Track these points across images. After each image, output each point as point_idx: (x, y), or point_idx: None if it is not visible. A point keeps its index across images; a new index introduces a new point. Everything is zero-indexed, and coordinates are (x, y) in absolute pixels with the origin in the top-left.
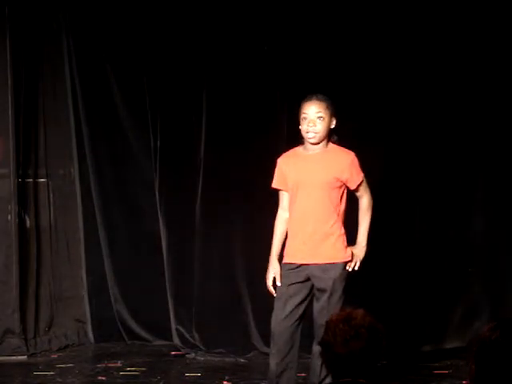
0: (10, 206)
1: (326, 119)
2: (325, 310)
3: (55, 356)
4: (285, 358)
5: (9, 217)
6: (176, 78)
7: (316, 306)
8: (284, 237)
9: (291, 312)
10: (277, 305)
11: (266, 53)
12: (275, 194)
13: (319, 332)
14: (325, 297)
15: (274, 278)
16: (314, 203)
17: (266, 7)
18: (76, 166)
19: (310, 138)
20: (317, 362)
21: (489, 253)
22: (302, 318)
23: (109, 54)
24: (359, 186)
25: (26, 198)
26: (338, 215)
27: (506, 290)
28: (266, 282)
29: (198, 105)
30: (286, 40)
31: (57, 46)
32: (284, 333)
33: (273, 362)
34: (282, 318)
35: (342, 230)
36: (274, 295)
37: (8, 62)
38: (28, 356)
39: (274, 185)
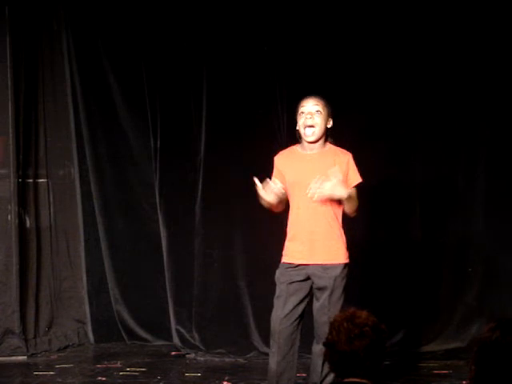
0: (10, 207)
1: (324, 115)
2: (325, 308)
3: (55, 356)
4: (285, 357)
5: (9, 217)
6: (176, 79)
7: (316, 304)
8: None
9: (291, 311)
10: (277, 303)
11: (265, 53)
12: None
13: (319, 331)
14: (325, 295)
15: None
16: (312, 204)
17: (265, 7)
18: (76, 166)
19: (308, 136)
20: (318, 360)
21: (489, 253)
22: (301, 317)
23: (109, 55)
24: (353, 187)
25: (26, 198)
26: (337, 216)
27: (506, 290)
28: (265, 282)
29: (198, 105)
30: (286, 40)
31: (57, 46)
32: (284, 332)
33: (273, 361)
34: (282, 317)
35: (342, 231)
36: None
37: (8, 62)
38: (28, 356)
39: None
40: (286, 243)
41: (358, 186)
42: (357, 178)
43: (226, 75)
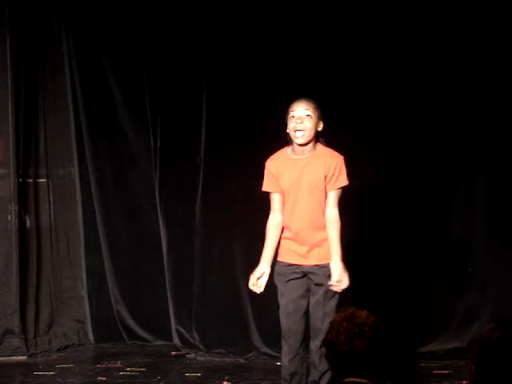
0: (10, 206)
1: (314, 119)
2: (320, 304)
3: (55, 356)
4: (296, 355)
5: (9, 217)
6: (176, 79)
7: (312, 300)
8: (277, 242)
9: (295, 307)
10: (280, 302)
11: (265, 53)
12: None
13: (314, 326)
14: (321, 291)
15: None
16: (305, 208)
17: (265, 7)
18: (76, 166)
19: (297, 138)
20: (315, 357)
21: (489, 253)
22: (307, 312)
23: (109, 54)
24: (335, 190)
25: (26, 198)
26: None
27: (506, 290)
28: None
29: (198, 105)
30: (286, 40)
31: (57, 45)
32: (293, 329)
33: (285, 360)
34: (287, 313)
35: None
36: (257, 292)
37: (8, 61)
38: (28, 356)
39: (265, 188)
40: (281, 242)
41: (345, 188)
42: (343, 181)
43: (226, 75)
